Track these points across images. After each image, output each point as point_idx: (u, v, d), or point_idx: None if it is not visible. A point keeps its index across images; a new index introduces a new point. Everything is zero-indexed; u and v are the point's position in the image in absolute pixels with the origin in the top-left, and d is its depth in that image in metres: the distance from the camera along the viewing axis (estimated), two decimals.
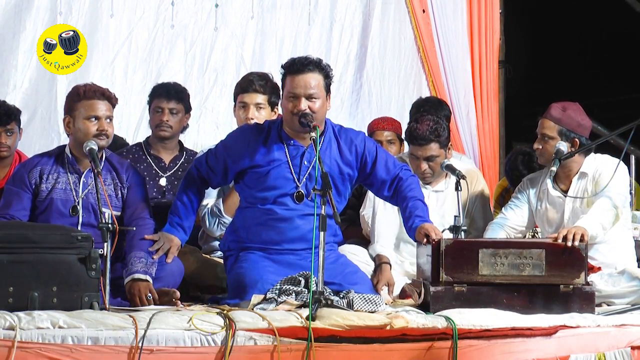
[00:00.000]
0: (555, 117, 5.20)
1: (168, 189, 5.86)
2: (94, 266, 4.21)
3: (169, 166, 5.93)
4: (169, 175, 5.90)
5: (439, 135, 5.35)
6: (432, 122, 5.36)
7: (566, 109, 5.23)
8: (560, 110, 5.22)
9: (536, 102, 6.00)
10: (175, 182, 5.90)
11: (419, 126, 5.37)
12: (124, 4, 7.00)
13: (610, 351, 4.49)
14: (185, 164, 5.96)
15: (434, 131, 5.34)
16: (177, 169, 5.93)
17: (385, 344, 4.18)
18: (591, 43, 11.29)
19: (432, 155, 5.36)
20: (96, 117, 4.84)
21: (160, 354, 3.93)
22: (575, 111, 5.24)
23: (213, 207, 5.32)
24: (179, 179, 5.92)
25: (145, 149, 5.94)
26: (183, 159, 5.98)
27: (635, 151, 7.11)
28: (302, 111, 4.67)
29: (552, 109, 5.23)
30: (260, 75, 5.50)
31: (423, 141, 5.34)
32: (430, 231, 4.65)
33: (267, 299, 4.46)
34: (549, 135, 5.20)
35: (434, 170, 5.40)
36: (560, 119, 5.20)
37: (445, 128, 5.41)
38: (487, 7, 7.73)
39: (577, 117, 5.23)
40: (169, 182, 5.89)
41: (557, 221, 5.24)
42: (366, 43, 7.53)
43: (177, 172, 5.92)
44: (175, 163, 5.95)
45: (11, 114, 5.84)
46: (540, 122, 5.26)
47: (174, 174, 5.92)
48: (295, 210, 4.77)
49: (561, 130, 5.19)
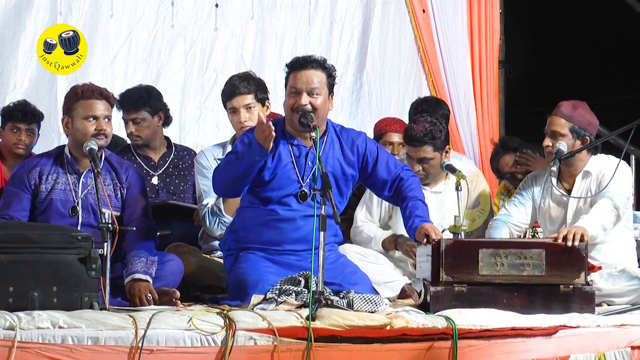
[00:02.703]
0: (567, 115, 5.19)
1: (161, 187, 5.87)
2: (94, 266, 4.21)
3: (159, 164, 5.94)
4: (160, 174, 5.90)
5: (433, 138, 5.32)
6: (428, 124, 5.34)
7: (577, 107, 5.22)
8: (571, 108, 5.21)
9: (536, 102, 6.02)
10: (167, 179, 5.90)
11: (414, 127, 5.36)
12: (124, 4, 7.00)
13: (610, 351, 4.49)
14: (175, 160, 5.97)
15: (428, 133, 5.32)
16: (167, 166, 5.94)
17: (385, 344, 4.18)
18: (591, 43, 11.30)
19: (426, 158, 5.34)
20: (94, 116, 4.84)
21: (160, 354, 3.93)
22: (585, 109, 5.25)
23: (213, 207, 5.32)
24: (169, 176, 5.92)
25: (133, 150, 5.96)
26: (172, 155, 5.99)
27: (635, 151, 7.11)
28: (302, 106, 4.66)
29: (563, 107, 5.21)
30: (241, 77, 5.49)
31: (417, 142, 5.33)
32: (430, 231, 4.65)
33: (267, 299, 4.46)
34: (560, 133, 5.18)
35: (427, 172, 5.39)
36: (572, 116, 5.19)
37: (443, 130, 5.38)
38: (487, 7, 7.73)
39: (588, 116, 5.23)
40: (160, 180, 5.90)
41: (560, 220, 5.24)
42: (366, 43, 7.53)
43: (167, 169, 5.93)
44: (165, 160, 5.97)
45: (35, 115, 6.00)
46: (549, 119, 5.23)
47: (165, 171, 5.93)
48: (298, 211, 4.77)
49: (573, 127, 5.17)
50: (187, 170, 5.96)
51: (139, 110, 5.88)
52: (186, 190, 5.93)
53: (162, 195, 5.82)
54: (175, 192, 5.91)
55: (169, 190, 5.89)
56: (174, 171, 5.97)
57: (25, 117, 5.92)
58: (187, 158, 6.04)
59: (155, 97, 5.97)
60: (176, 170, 5.98)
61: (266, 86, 5.53)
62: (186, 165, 5.98)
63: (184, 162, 5.99)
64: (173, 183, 5.93)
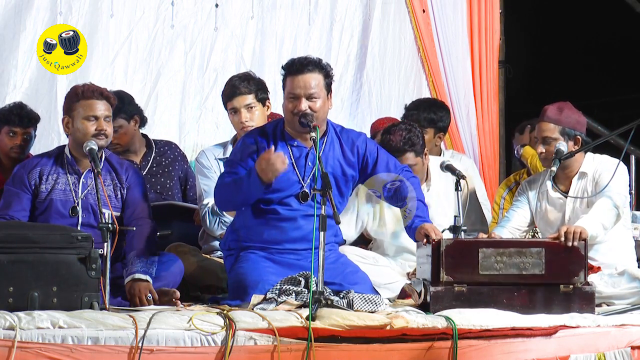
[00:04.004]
0: (554, 118, 5.19)
1: (148, 188, 5.85)
2: (94, 266, 4.21)
3: (141, 165, 5.93)
4: (145, 174, 5.87)
5: (413, 145, 5.29)
6: (405, 132, 5.29)
7: (562, 108, 5.21)
8: (557, 111, 5.20)
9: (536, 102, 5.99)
10: (152, 179, 5.88)
11: (392, 137, 5.29)
12: (124, 4, 6.99)
13: (610, 351, 4.49)
14: (157, 158, 5.94)
15: (407, 141, 5.28)
16: (150, 166, 5.93)
17: (385, 344, 4.18)
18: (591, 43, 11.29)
19: (409, 165, 5.31)
20: (95, 117, 4.84)
21: (160, 354, 3.93)
22: (570, 109, 5.24)
23: (214, 206, 5.32)
24: (154, 175, 5.91)
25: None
26: (154, 153, 5.97)
27: (635, 151, 7.12)
28: (302, 111, 4.68)
29: (548, 111, 5.21)
30: (241, 77, 5.48)
31: (398, 152, 5.26)
32: (430, 231, 4.65)
33: (267, 299, 4.47)
34: (552, 137, 5.17)
35: None
36: (559, 119, 5.18)
37: (419, 135, 5.34)
38: (487, 7, 7.72)
39: (574, 115, 5.22)
40: (146, 180, 5.88)
41: (558, 222, 5.23)
42: (366, 43, 7.52)
43: (151, 169, 5.92)
44: (147, 160, 5.96)
45: (32, 119, 5.95)
46: (538, 126, 5.23)
47: (149, 171, 5.92)
48: (299, 211, 4.78)
49: (563, 129, 5.17)
50: (171, 166, 5.94)
51: (115, 119, 5.82)
52: (173, 187, 5.91)
53: (151, 196, 5.79)
54: (162, 191, 5.89)
55: (156, 190, 5.87)
56: (158, 169, 5.95)
57: (22, 121, 5.87)
58: (169, 153, 6.01)
59: (127, 102, 5.89)
60: (160, 168, 5.95)
61: (266, 86, 5.53)
62: (169, 161, 5.95)
63: (166, 157, 5.96)
64: (159, 182, 5.92)
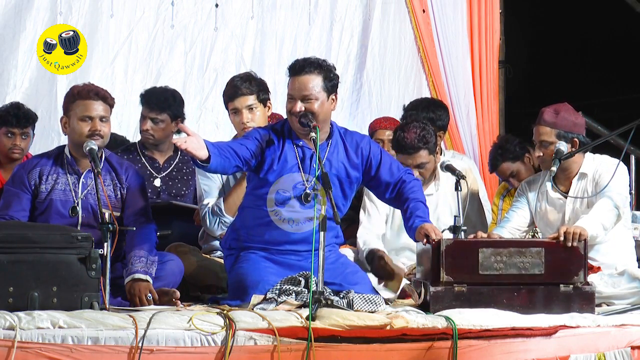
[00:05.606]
0: (550, 122, 5.18)
1: (163, 190, 5.86)
2: (94, 266, 4.21)
3: (163, 167, 5.93)
4: (164, 176, 5.89)
5: (427, 142, 5.33)
6: (419, 129, 5.33)
7: (558, 111, 5.21)
8: (553, 114, 5.20)
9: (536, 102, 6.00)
10: (169, 182, 5.89)
11: (406, 135, 5.33)
12: (124, 4, 6.99)
13: (610, 351, 4.49)
14: (179, 164, 5.95)
15: (422, 138, 5.32)
16: (171, 170, 5.93)
17: (385, 344, 4.18)
18: (591, 43, 11.29)
19: (422, 163, 5.34)
20: (89, 117, 4.84)
21: (160, 354, 3.93)
22: (567, 111, 5.23)
23: (214, 207, 5.32)
24: (173, 179, 5.91)
25: (139, 150, 5.94)
26: (177, 159, 5.97)
27: (635, 151, 7.11)
28: (297, 112, 4.68)
29: (545, 114, 5.20)
30: (243, 77, 5.47)
31: (412, 150, 5.31)
32: (430, 231, 4.65)
33: (267, 299, 4.47)
34: (548, 141, 5.17)
35: (424, 176, 5.40)
36: (555, 122, 5.18)
37: (432, 133, 5.38)
38: (487, 7, 7.73)
39: (571, 117, 5.21)
40: (163, 182, 5.88)
41: (557, 223, 5.22)
42: (366, 43, 7.53)
43: (171, 173, 5.92)
44: (170, 164, 5.95)
45: (29, 118, 5.94)
46: (535, 129, 5.23)
47: (169, 174, 5.92)
48: (301, 213, 4.76)
49: (559, 133, 5.17)
50: (191, 175, 5.95)
51: (161, 112, 5.86)
52: (187, 195, 5.92)
53: (163, 197, 5.81)
54: (177, 195, 5.90)
55: (170, 193, 5.87)
56: (177, 175, 5.95)
57: (19, 121, 5.86)
58: (191, 163, 6.03)
59: (178, 103, 5.95)
60: (179, 174, 5.96)
61: (267, 86, 5.53)
62: (190, 170, 5.97)
63: (188, 167, 5.98)
64: (175, 186, 5.92)
